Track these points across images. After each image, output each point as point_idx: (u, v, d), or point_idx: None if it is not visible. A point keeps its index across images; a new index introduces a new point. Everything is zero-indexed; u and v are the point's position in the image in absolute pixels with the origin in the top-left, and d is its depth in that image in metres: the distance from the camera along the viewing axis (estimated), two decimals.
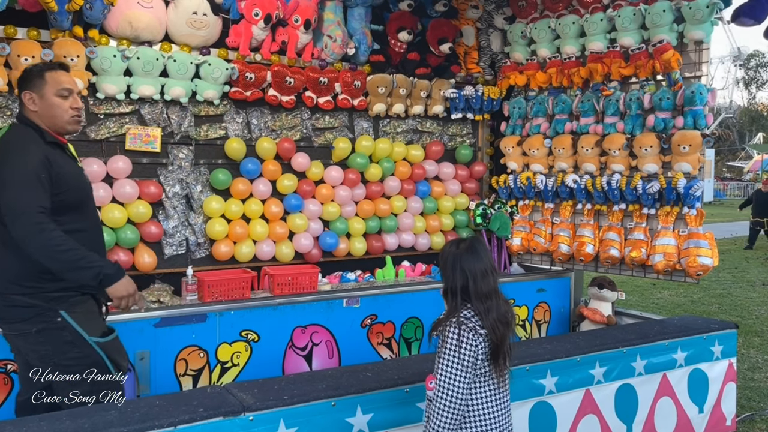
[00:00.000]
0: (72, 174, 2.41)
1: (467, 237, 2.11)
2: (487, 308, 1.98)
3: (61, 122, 2.37)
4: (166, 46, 3.53)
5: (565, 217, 4.26)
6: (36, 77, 2.34)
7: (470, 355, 1.97)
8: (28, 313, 2.26)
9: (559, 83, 4.23)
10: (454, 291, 2.04)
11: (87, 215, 2.46)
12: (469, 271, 2.00)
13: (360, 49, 4.06)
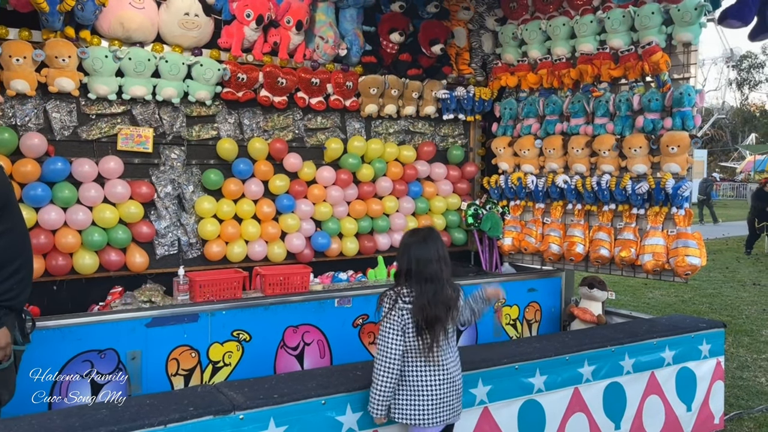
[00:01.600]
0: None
1: (423, 227, 2.50)
2: (425, 290, 2.26)
3: None
4: (158, 47, 3.54)
5: (555, 217, 4.29)
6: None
7: (396, 322, 2.27)
8: None
9: (549, 84, 4.26)
10: (399, 273, 2.34)
11: (11, 216, 2.26)
12: (415, 257, 2.29)
13: (352, 50, 4.07)
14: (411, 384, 2.30)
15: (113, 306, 3.25)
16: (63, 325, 2.88)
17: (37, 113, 3.32)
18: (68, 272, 3.36)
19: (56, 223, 3.28)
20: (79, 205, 3.36)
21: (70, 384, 2.89)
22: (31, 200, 3.22)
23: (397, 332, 2.27)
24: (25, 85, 3.17)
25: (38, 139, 3.24)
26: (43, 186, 3.23)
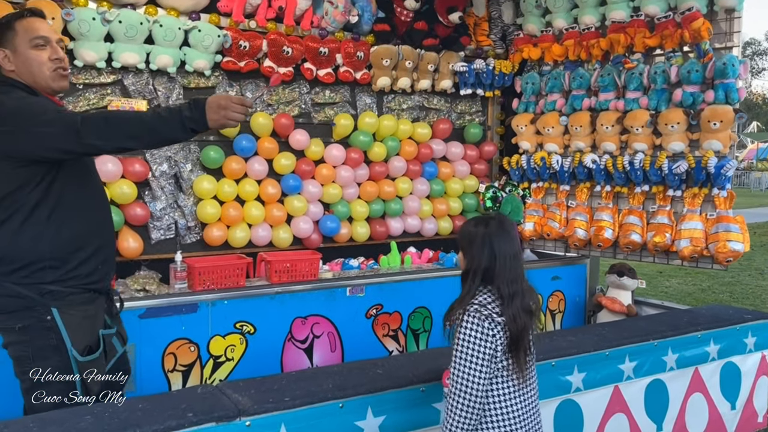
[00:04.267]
0: None
1: (494, 215, 1.91)
2: (512, 294, 1.79)
3: (43, 78, 1.99)
4: (152, 9, 3.21)
5: (581, 200, 3.99)
6: (7, 31, 1.98)
7: (488, 347, 1.76)
8: (15, 305, 1.93)
9: (576, 56, 3.94)
10: (476, 272, 1.82)
11: (93, 191, 2.14)
12: (499, 251, 1.80)
13: (363, 17, 3.75)
14: (498, 414, 1.82)
15: None
16: None
17: None
18: None
19: None
20: None
21: None
22: None
23: (485, 358, 1.75)
24: None
25: None
26: None
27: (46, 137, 1.85)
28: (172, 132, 1.92)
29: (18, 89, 1.97)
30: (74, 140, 1.86)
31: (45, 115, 1.88)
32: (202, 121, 1.90)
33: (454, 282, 3.54)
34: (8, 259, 1.93)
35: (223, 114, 1.91)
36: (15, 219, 1.92)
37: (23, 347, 1.96)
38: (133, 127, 1.91)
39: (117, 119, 1.94)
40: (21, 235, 1.92)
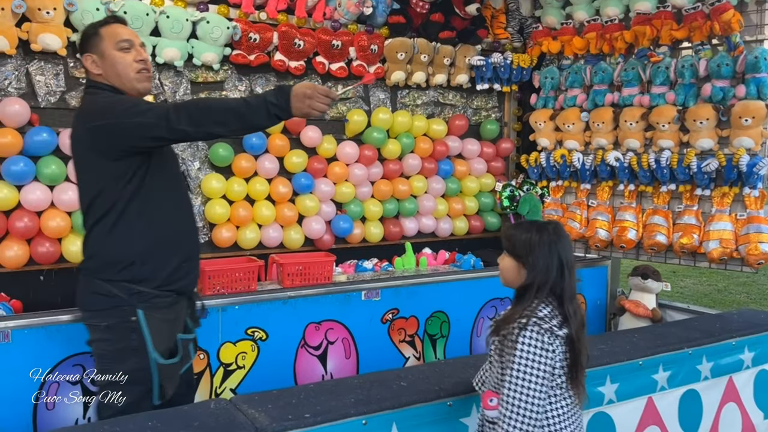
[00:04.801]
0: None
1: (548, 221, 1.76)
2: (575, 309, 1.66)
3: (129, 80, 2.06)
4: (158, 0, 3.06)
5: (602, 199, 3.84)
6: (93, 37, 2.07)
7: (547, 362, 1.61)
8: (104, 303, 1.98)
9: (598, 50, 3.79)
10: (543, 285, 1.65)
11: (178, 190, 2.19)
12: (567, 261, 1.65)
13: (378, 8, 3.59)
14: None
15: None
16: (50, 323, 2.44)
17: (18, 76, 2.85)
18: (56, 260, 2.92)
19: (42, 203, 2.83)
20: (67, 183, 2.90)
21: (58, 391, 2.46)
22: (12, 177, 2.77)
23: (546, 372, 1.60)
24: (3, 41, 2.71)
25: (19, 105, 2.78)
26: (25, 160, 2.78)
27: (140, 126, 1.91)
28: (258, 118, 1.95)
29: (106, 91, 2.05)
30: (165, 127, 1.91)
31: (137, 107, 1.96)
32: (286, 109, 1.92)
33: (473, 285, 3.45)
34: (101, 257, 1.99)
35: (308, 103, 1.91)
36: (110, 216, 1.97)
37: (105, 345, 2.00)
38: (221, 113, 1.94)
39: (206, 106, 1.97)
40: (115, 233, 1.97)
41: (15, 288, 2.85)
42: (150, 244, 2.01)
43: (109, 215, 1.98)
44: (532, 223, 1.73)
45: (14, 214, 2.80)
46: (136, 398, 2.00)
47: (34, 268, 2.92)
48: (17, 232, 2.78)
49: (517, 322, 1.65)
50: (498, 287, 3.47)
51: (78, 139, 2.02)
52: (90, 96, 2.08)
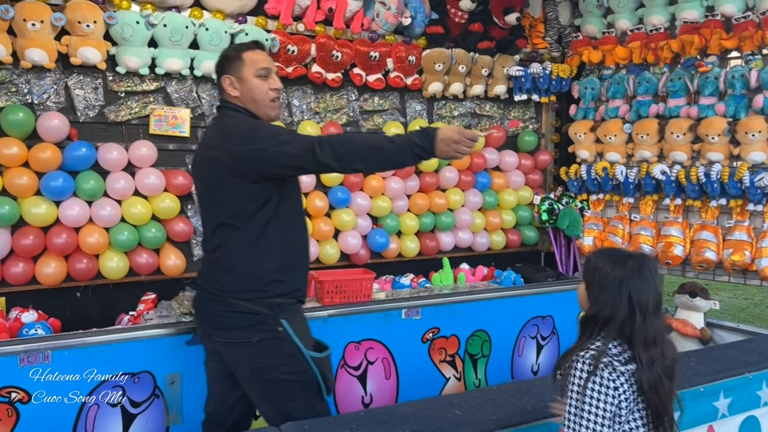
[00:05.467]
0: None
1: (634, 253, 1.58)
2: (652, 359, 1.48)
3: (264, 106, 2.13)
4: (197, 13, 3.01)
5: (646, 213, 3.72)
6: (235, 60, 2.12)
7: (608, 402, 1.46)
8: (248, 321, 2.04)
9: (642, 59, 3.68)
10: (607, 321, 1.52)
11: (300, 207, 2.25)
12: (638, 302, 1.48)
13: (416, 19, 3.52)
14: None
15: (146, 318, 2.75)
16: (89, 344, 2.39)
17: (57, 89, 2.82)
18: (94, 277, 2.88)
19: (80, 219, 2.79)
20: (106, 198, 2.87)
21: (97, 414, 2.40)
22: (50, 192, 2.73)
23: (608, 413, 1.47)
24: (42, 55, 2.67)
25: (59, 120, 2.75)
26: (64, 176, 2.74)
27: (284, 156, 1.95)
28: (402, 158, 1.98)
29: (242, 114, 2.10)
30: (310, 159, 1.95)
31: (282, 136, 1.99)
32: (431, 151, 1.94)
33: (514, 303, 3.34)
34: (240, 274, 2.04)
35: (455, 147, 1.94)
36: (248, 235, 2.03)
37: (261, 359, 2.05)
38: (366, 150, 1.98)
39: (351, 142, 2.03)
40: (255, 251, 2.03)
41: (53, 305, 2.81)
42: (286, 259, 2.09)
43: (248, 234, 2.03)
44: (615, 251, 1.60)
45: (52, 230, 2.76)
46: (311, 401, 2.09)
47: (71, 285, 2.88)
48: (55, 248, 2.74)
49: (576, 354, 1.54)
50: (540, 305, 3.41)
51: (216, 159, 2.02)
52: (229, 118, 2.10)
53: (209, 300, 2.11)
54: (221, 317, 2.07)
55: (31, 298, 2.77)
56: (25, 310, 2.65)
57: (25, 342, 2.30)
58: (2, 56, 2.61)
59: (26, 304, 2.73)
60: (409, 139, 1.94)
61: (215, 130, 2.15)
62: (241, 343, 2.05)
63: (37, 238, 2.72)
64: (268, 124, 2.11)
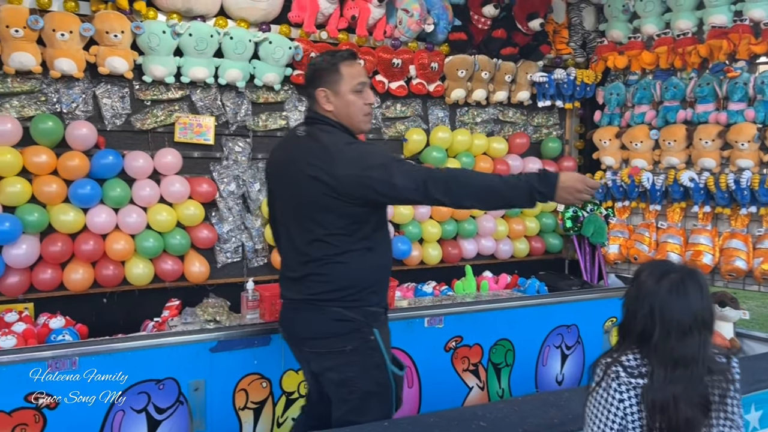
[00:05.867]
0: None
1: (680, 267, 1.47)
2: (672, 378, 1.39)
3: (357, 121, 2.11)
4: (222, 22, 3.04)
5: (673, 221, 3.65)
6: (331, 72, 2.07)
7: (611, 412, 1.42)
8: (344, 328, 2.05)
9: (669, 64, 3.62)
10: (628, 333, 1.49)
11: (389, 237, 2.24)
12: (663, 317, 1.41)
13: (439, 26, 3.51)
14: None
15: (171, 324, 2.77)
16: (115, 350, 2.41)
17: (86, 99, 2.87)
18: (120, 283, 2.91)
19: (107, 226, 2.82)
20: (132, 206, 2.90)
21: (123, 419, 2.42)
22: (78, 200, 2.77)
23: (614, 427, 1.42)
24: (71, 65, 2.72)
25: (87, 128, 2.79)
26: (92, 183, 2.78)
27: (395, 188, 1.93)
28: (517, 199, 1.96)
29: (338, 130, 2.08)
30: (422, 194, 1.94)
31: (392, 166, 1.95)
32: (550, 196, 1.93)
33: (538, 312, 3.29)
34: (343, 285, 2.04)
35: (577, 196, 1.93)
36: (350, 251, 2.03)
37: (351, 368, 2.06)
38: (479, 188, 1.95)
39: (466, 181, 1.97)
40: (354, 264, 2.04)
41: (79, 311, 2.84)
42: (379, 273, 2.12)
43: (345, 250, 2.03)
44: (662, 263, 1.51)
45: (80, 237, 2.80)
46: (383, 413, 2.09)
47: (98, 291, 2.91)
48: (83, 254, 2.78)
49: (599, 361, 1.52)
50: (564, 314, 3.36)
51: (318, 179, 1.98)
52: (326, 134, 2.05)
53: (303, 308, 2.10)
54: (316, 325, 2.06)
55: (59, 304, 2.81)
56: (53, 316, 2.68)
57: (52, 348, 2.34)
58: (32, 66, 2.66)
59: (54, 309, 2.77)
60: (528, 182, 1.91)
61: (313, 146, 2.04)
62: (333, 352, 2.05)
63: (65, 245, 2.76)
64: (376, 148, 2.11)
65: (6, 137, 2.64)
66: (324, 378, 2.13)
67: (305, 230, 2.07)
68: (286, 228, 2.16)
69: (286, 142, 2.24)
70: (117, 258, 2.85)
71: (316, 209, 2.02)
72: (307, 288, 2.08)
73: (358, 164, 1.95)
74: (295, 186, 2.07)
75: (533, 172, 1.95)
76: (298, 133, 2.12)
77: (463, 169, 2.01)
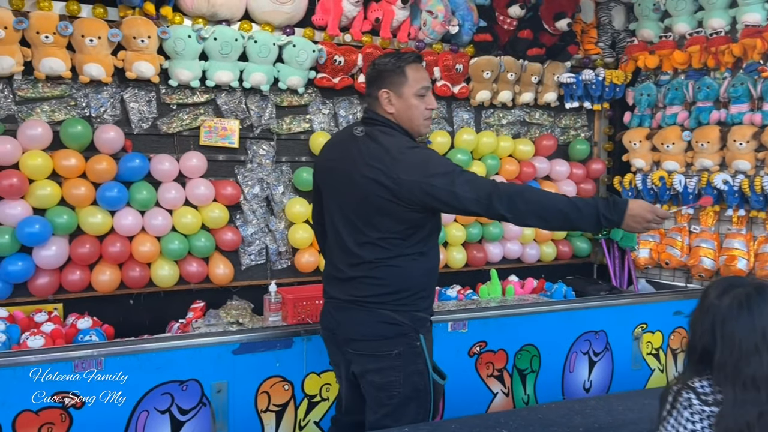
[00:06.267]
0: None
1: (750, 282, 1.38)
2: (742, 402, 1.29)
3: (418, 125, 2.07)
4: (246, 26, 3.07)
5: (707, 225, 3.55)
6: (396, 74, 2.02)
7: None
8: (391, 332, 2.01)
9: (701, 64, 3.52)
10: (692, 350, 1.41)
11: (437, 242, 2.19)
12: (728, 335, 1.32)
13: (463, 27, 3.47)
14: None
15: (195, 326, 2.79)
16: (140, 351, 2.43)
17: (114, 103, 2.92)
18: (145, 284, 2.95)
19: (133, 228, 2.86)
20: (157, 208, 2.94)
21: (147, 420, 2.45)
22: (106, 202, 2.82)
23: None
24: (100, 70, 2.77)
25: (114, 132, 2.83)
26: (119, 186, 2.83)
27: (458, 198, 1.89)
28: (583, 223, 1.92)
29: (398, 132, 2.04)
30: (484, 207, 1.90)
31: (456, 175, 1.91)
32: (617, 223, 1.89)
33: (565, 317, 3.22)
34: (395, 289, 2.01)
35: (645, 225, 1.90)
36: (399, 256, 2.01)
37: (395, 373, 2.02)
38: (545, 208, 1.90)
39: (531, 196, 1.92)
40: (408, 268, 2.01)
41: (106, 312, 2.89)
42: (428, 279, 2.10)
43: (398, 254, 2.00)
44: (732, 279, 1.44)
45: (107, 239, 2.85)
46: (420, 421, 2.06)
47: (125, 292, 2.96)
48: (110, 256, 2.82)
49: (669, 386, 1.42)
50: (592, 319, 3.28)
51: (377, 181, 1.95)
52: (387, 136, 2.01)
53: (350, 309, 2.06)
54: (364, 327, 2.03)
55: (88, 305, 2.86)
56: (81, 317, 2.73)
57: (79, 348, 2.37)
58: (62, 71, 2.72)
59: (82, 310, 2.82)
60: (596, 207, 1.86)
61: (372, 146, 2.00)
62: (379, 355, 2.02)
63: (93, 247, 2.80)
64: (439, 156, 2.03)
65: (37, 141, 2.70)
66: (365, 380, 2.09)
67: (358, 232, 2.03)
68: (334, 228, 2.11)
69: (341, 142, 2.16)
70: (143, 260, 2.89)
71: (372, 212, 1.99)
72: (356, 289, 2.04)
73: (422, 170, 1.90)
74: (350, 186, 2.02)
75: (602, 197, 1.89)
76: (356, 133, 2.06)
77: (528, 186, 1.95)
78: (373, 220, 1.99)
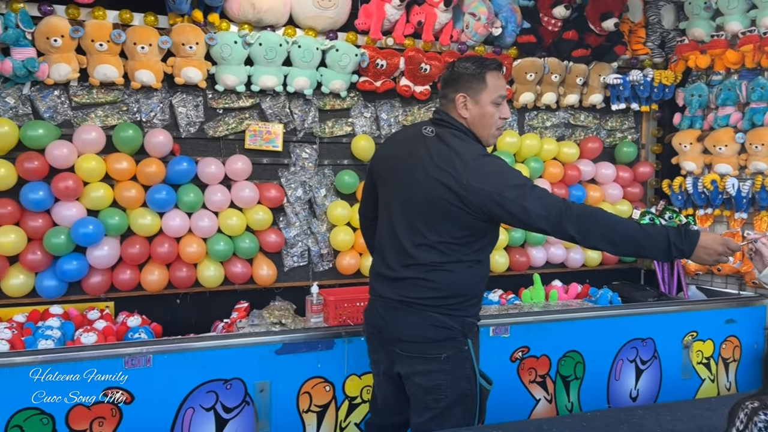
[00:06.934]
0: None
1: None
2: None
3: (488, 133, 2.06)
4: (291, 31, 3.11)
5: (761, 230, 3.40)
6: (476, 79, 2.01)
7: None
8: (441, 335, 2.01)
9: (755, 63, 3.39)
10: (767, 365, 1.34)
11: (492, 250, 2.18)
12: None
13: (507, 28, 3.44)
14: None
15: (239, 326, 2.85)
16: (186, 349, 2.50)
17: (163, 108, 3.00)
18: (192, 284, 3.03)
19: (181, 229, 2.94)
20: (204, 210, 3.01)
21: (193, 417, 2.51)
22: (155, 204, 2.90)
23: None
24: (150, 76, 2.86)
25: (163, 136, 2.92)
26: (167, 189, 2.91)
27: (528, 213, 1.86)
28: (652, 251, 1.88)
29: (470, 138, 2.03)
30: (553, 225, 1.86)
31: (528, 189, 1.88)
32: (688, 254, 1.87)
33: (611, 324, 3.15)
34: (448, 293, 2.01)
35: (716, 258, 1.88)
36: (457, 261, 2.00)
37: (443, 376, 2.02)
38: (616, 232, 1.86)
39: (602, 220, 1.88)
40: (464, 274, 2.01)
41: (154, 311, 2.97)
42: (483, 283, 2.12)
43: (455, 259, 1.99)
44: None
45: (156, 239, 2.93)
46: (465, 426, 2.05)
47: (172, 292, 3.04)
48: (158, 257, 2.91)
49: (743, 403, 1.34)
50: (639, 327, 3.20)
51: (445, 184, 1.92)
52: (458, 140, 1.99)
53: (400, 309, 2.04)
54: (414, 328, 2.02)
55: (137, 304, 2.96)
56: (131, 315, 2.82)
57: (129, 345, 2.45)
58: (115, 78, 2.82)
59: (132, 309, 2.92)
60: (667, 235, 1.84)
61: (442, 148, 1.97)
62: (427, 358, 2.01)
63: (143, 247, 2.89)
64: (511, 168, 1.99)
65: (91, 145, 2.81)
66: (411, 381, 2.07)
67: (416, 233, 2.00)
68: (390, 225, 2.08)
69: (407, 139, 2.11)
70: (190, 260, 2.97)
71: (434, 215, 1.96)
72: (407, 290, 2.02)
73: (494, 180, 1.87)
74: (414, 185, 1.99)
75: (672, 226, 1.85)
76: (425, 132, 2.03)
77: (600, 209, 1.91)
78: (435, 223, 1.97)
